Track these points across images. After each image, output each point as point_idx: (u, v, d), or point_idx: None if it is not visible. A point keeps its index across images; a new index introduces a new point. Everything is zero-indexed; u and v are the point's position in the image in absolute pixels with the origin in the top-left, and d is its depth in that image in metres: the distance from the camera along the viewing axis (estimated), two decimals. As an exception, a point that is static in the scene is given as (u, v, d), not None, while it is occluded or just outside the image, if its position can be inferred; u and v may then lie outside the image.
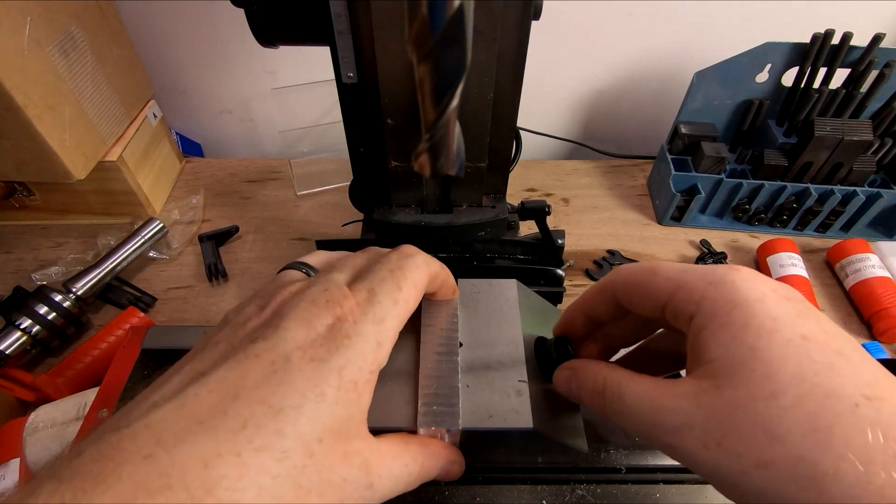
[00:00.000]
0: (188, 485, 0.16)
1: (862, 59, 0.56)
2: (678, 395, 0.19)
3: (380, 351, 0.21)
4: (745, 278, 0.19)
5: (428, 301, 0.29)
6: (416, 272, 0.24)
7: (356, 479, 0.19)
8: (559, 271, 0.46)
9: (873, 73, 0.57)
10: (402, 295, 0.23)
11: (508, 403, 0.25)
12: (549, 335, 0.29)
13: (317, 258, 0.27)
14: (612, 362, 0.23)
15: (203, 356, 0.20)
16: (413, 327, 0.28)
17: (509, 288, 0.30)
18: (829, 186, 0.59)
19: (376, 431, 0.22)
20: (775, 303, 0.19)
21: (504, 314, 0.29)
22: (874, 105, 0.58)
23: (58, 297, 0.48)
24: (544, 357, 0.28)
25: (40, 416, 0.39)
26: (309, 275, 0.25)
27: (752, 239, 0.63)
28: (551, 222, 0.57)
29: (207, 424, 0.17)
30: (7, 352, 0.45)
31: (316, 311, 0.20)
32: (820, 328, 0.18)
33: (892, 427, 0.16)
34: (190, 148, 0.76)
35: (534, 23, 0.32)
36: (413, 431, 0.24)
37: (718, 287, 0.19)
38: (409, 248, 0.25)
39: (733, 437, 0.17)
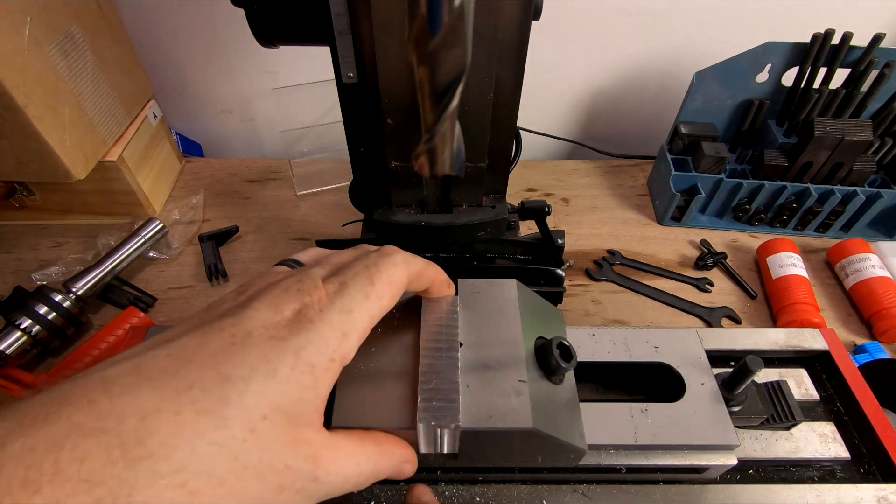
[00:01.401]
0: (121, 432, 0.16)
1: (862, 59, 0.56)
2: None
3: (344, 341, 0.21)
4: None
5: (427, 299, 0.29)
6: (393, 269, 0.24)
7: (300, 468, 0.19)
8: (559, 271, 0.46)
9: (873, 73, 0.57)
10: (374, 290, 0.22)
11: (508, 403, 0.25)
12: (549, 335, 0.29)
13: (307, 255, 0.28)
14: None
15: (174, 329, 0.20)
16: (413, 327, 0.28)
17: (509, 288, 0.30)
18: (829, 186, 0.59)
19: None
20: None
21: (504, 314, 0.29)
22: (874, 105, 0.58)
23: (58, 297, 0.48)
24: (544, 357, 0.28)
25: (40, 416, 0.39)
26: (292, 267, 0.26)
27: (752, 239, 0.63)
28: (551, 222, 0.57)
29: (155, 381, 0.17)
30: (7, 352, 0.45)
31: (286, 297, 0.21)
32: None
33: None
34: (190, 148, 0.76)
35: (534, 23, 0.32)
36: (412, 428, 0.24)
37: None
38: (389, 248, 0.25)
39: None
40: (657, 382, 0.36)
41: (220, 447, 0.17)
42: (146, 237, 0.56)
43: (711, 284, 0.57)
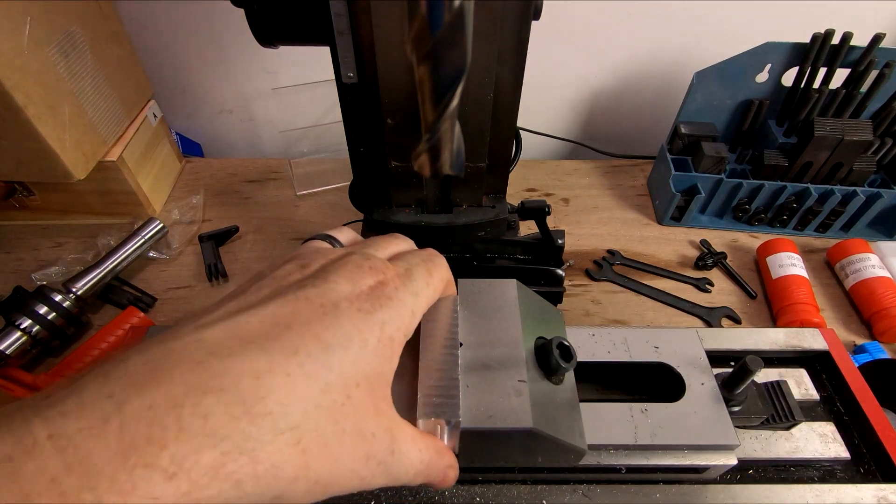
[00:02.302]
0: (241, 390, 0.16)
1: (862, 59, 0.56)
2: None
3: (412, 320, 0.22)
4: None
5: None
6: (442, 269, 0.26)
7: (382, 439, 0.20)
8: (559, 271, 0.46)
9: (873, 73, 0.57)
10: (431, 281, 0.24)
11: (508, 403, 0.25)
12: (549, 335, 0.29)
13: (344, 235, 0.28)
14: None
15: (247, 296, 0.20)
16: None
17: (509, 288, 0.30)
18: (829, 186, 0.59)
19: None
20: None
21: (504, 314, 0.29)
22: (874, 105, 0.58)
23: (58, 297, 0.48)
24: (544, 357, 0.28)
25: (40, 416, 0.39)
26: (333, 245, 0.26)
27: (752, 239, 0.63)
28: (551, 222, 0.57)
29: (260, 344, 0.17)
30: (7, 352, 0.45)
31: (361, 273, 0.21)
32: None
33: None
34: (190, 148, 0.76)
35: (534, 23, 0.32)
36: (412, 423, 0.24)
37: None
38: (432, 250, 0.27)
39: None
40: (657, 382, 0.36)
41: (325, 410, 0.18)
42: (146, 237, 0.56)
43: (711, 284, 0.57)
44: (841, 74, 0.58)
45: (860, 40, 0.55)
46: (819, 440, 0.37)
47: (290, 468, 0.16)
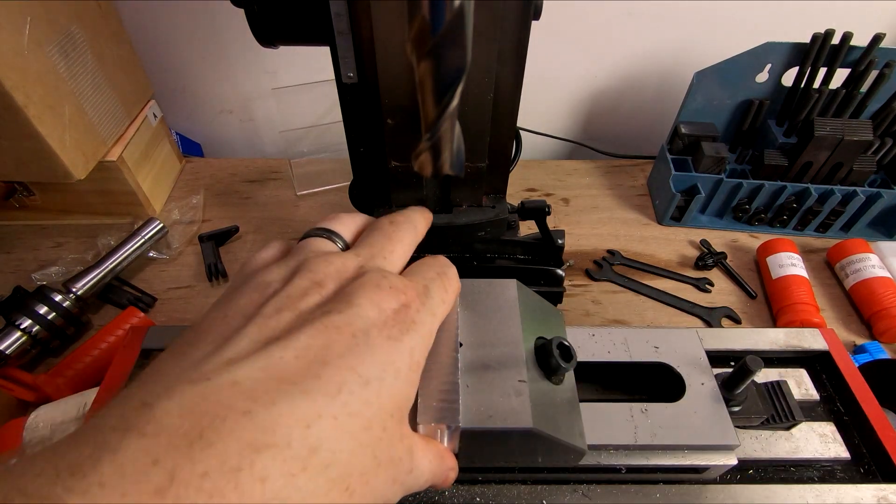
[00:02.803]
0: (293, 444, 0.15)
1: (862, 59, 0.56)
2: None
3: (431, 339, 0.22)
4: None
5: None
6: (455, 282, 0.25)
7: (404, 461, 0.20)
8: (559, 271, 0.46)
9: (873, 73, 0.57)
10: (447, 297, 0.24)
11: (508, 403, 0.25)
12: (549, 335, 0.29)
13: (344, 226, 0.26)
14: None
15: (267, 322, 0.19)
16: None
17: (509, 288, 0.30)
18: (829, 186, 0.59)
19: None
20: None
21: (504, 314, 0.29)
22: (874, 105, 0.58)
23: (58, 297, 0.48)
24: (544, 357, 0.28)
25: (40, 416, 0.39)
26: (337, 244, 0.25)
27: (752, 239, 0.63)
28: (551, 222, 0.57)
29: (301, 386, 0.17)
30: (7, 352, 0.45)
31: (383, 295, 0.21)
32: None
33: None
34: (190, 148, 0.76)
35: (534, 23, 0.32)
36: (413, 427, 0.24)
37: None
38: (445, 259, 0.26)
39: None
40: (657, 382, 0.36)
41: (366, 448, 0.17)
42: (146, 237, 0.56)
43: (711, 284, 0.57)
44: (841, 74, 0.58)
45: (860, 40, 0.55)
46: (819, 440, 0.37)
47: None
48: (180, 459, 0.13)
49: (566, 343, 0.28)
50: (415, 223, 0.27)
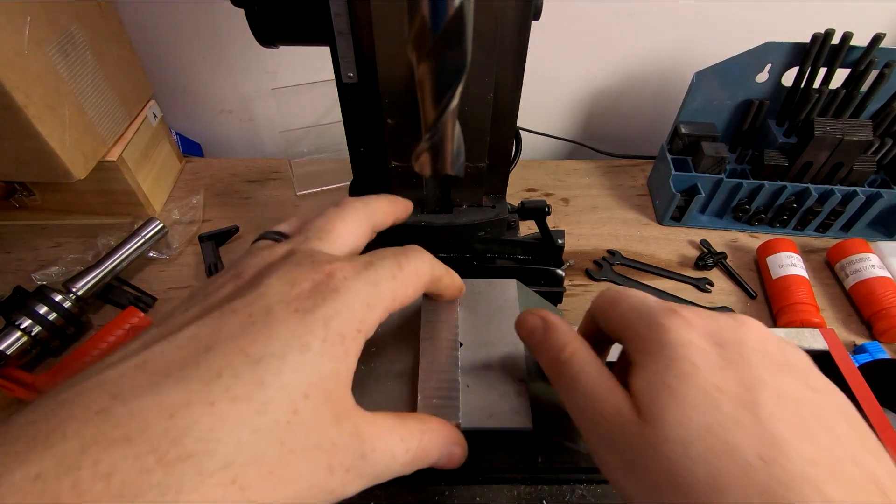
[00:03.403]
0: (150, 436, 0.14)
1: (862, 59, 0.56)
2: (619, 411, 0.19)
3: (370, 312, 0.19)
4: (678, 324, 0.20)
5: (427, 299, 0.29)
6: (419, 263, 0.23)
7: (347, 445, 0.18)
8: (559, 271, 0.46)
9: (873, 73, 0.57)
10: (400, 273, 0.21)
11: (508, 403, 0.25)
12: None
13: (291, 223, 0.26)
14: (586, 342, 0.23)
15: (168, 321, 0.18)
16: (413, 327, 0.28)
17: (509, 288, 0.31)
18: (829, 186, 0.59)
19: None
20: (699, 351, 0.19)
21: (504, 314, 0.29)
22: (874, 105, 0.58)
23: (58, 297, 0.48)
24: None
25: (40, 416, 0.39)
26: (276, 239, 0.24)
27: (752, 239, 0.63)
28: (551, 222, 0.57)
29: (175, 376, 0.15)
30: (7, 352, 0.45)
31: (300, 271, 0.19)
32: (737, 380, 0.18)
33: (778, 491, 0.15)
34: (190, 148, 0.76)
35: (534, 23, 0.32)
36: None
37: (654, 329, 0.20)
38: (415, 246, 0.24)
39: (645, 473, 0.17)
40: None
41: (264, 433, 0.15)
42: (146, 237, 0.56)
43: (711, 284, 0.57)
44: (841, 74, 0.58)
45: (860, 40, 0.55)
46: (819, 440, 0.37)
47: None
48: (15, 464, 0.13)
49: None
50: (367, 202, 0.26)
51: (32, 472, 0.13)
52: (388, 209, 0.27)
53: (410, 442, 0.20)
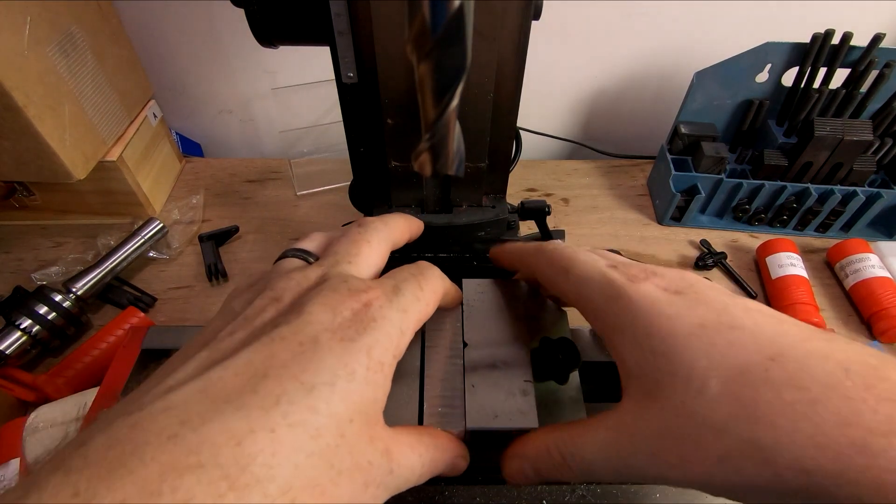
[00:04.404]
0: (221, 462, 0.15)
1: (862, 59, 0.56)
2: (630, 428, 0.20)
3: (402, 339, 0.21)
4: (637, 289, 0.21)
5: None
6: (435, 281, 0.25)
7: (379, 464, 0.19)
8: (559, 271, 0.46)
9: (873, 73, 0.57)
10: (423, 295, 0.23)
11: (514, 403, 0.25)
12: (554, 335, 0.29)
13: (313, 242, 0.27)
14: (550, 424, 0.24)
15: (218, 345, 0.19)
16: (417, 332, 0.28)
17: (514, 287, 0.31)
18: (829, 186, 0.59)
19: None
20: (667, 302, 0.20)
21: (508, 314, 0.29)
22: (874, 105, 0.58)
23: (58, 297, 0.48)
24: (549, 357, 0.28)
25: (40, 416, 0.39)
26: (308, 261, 0.25)
27: (752, 239, 0.63)
28: (551, 222, 0.57)
29: (236, 403, 0.16)
30: (7, 352, 0.45)
31: (339, 298, 0.20)
32: (710, 310, 0.20)
33: (796, 378, 0.17)
34: (190, 148, 0.76)
35: (534, 23, 0.32)
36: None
37: (616, 303, 0.21)
38: (426, 263, 0.26)
39: (688, 447, 0.18)
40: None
41: (317, 457, 0.17)
42: (146, 237, 0.56)
43: (711, 284, 0.57)
44: (841, 74, 0.58)
45: (860, 40, 0.55)
46: (819, 440, 0.37)
47: None
48: (100, 489, 0.13)
49: (571, 343, 0.28)
50: (387, 222, 0.27)
51: (118, 498, 0.13)
52: (406, 228, 0.29)
53: (425, 457, 0.22)
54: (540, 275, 0.26)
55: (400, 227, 0.28)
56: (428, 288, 0.24)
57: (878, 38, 0.55)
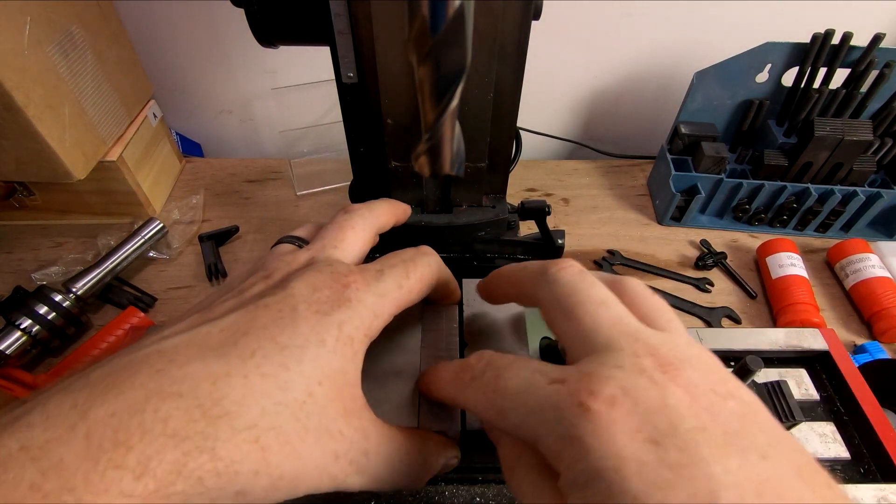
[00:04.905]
0: (198, 395, 0.17)
1: (862, 59, 0.56)
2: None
3: (375, 321, 0.22)
4: (595, 429, 0.16)
5: (429, 306, 0.29)
6: (426, 269, 0.25)
7: (353, 438, 0.20)
8: (559, 271, 0.46)
9: (873, 73, 0.57)
10: (407, 282, 0.24)
11: None
12: (554, 336, 0.29)
13: (305, 230, 0.28)
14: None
15: (211, 309, 0.21)
16: (415, 330, 0.28)
17: None
18: (829, 186, 0.59)
19: None
20: (635, 466, 0.15)
21: (508, 313, 0.29)
22: (874, 105, 0.58)
23: (58, 297, 0.48)
24: (550, 357, 0.28)
25: (40, 416, 0.39)
26: (299, 246, 0.27)
27: (752, 239, 0.63)
28: (551, 222, 0.57)
29: (218, 351, 0.19)
30: (7, 352, 0.45)
31: (322, 278, 0.22)
32: (697, 489, 0.14)
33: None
34: (190, 148, 0.76)
35: (534, 23, 0.32)
36: (416, 428, 0.24)
37: (572, 444, 0.16)
38: (427, 248, 0.27)
39: None
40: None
41: (283, 407, 0.18)
42: (146, 237, 0.56)
43: (711, 284, 0.57)
44: (841, 74, 0.58)
45: (860, 40, 0.55)
46: (819, 440, 0.37)
47: (250, 463, 0.17)
48: (95, 403, 0.16)
49: None
50: (372, 208, 0.29)
51: (110, 409, 0.16)
52: (390, 213, 0.30)
53: (415, 457, 0.22)
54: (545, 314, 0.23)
55: (385, 213, 0.30)
56: (414, 276, 0.24)
57: (878, 38, 0.55)
